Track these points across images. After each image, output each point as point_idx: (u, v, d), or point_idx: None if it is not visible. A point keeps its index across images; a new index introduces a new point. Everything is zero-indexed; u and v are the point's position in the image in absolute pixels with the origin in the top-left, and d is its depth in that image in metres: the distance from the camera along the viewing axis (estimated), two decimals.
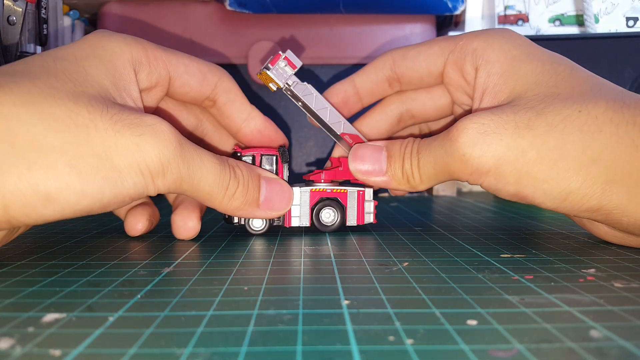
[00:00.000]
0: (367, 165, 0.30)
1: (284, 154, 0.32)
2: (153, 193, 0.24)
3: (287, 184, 0.30)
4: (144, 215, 0.31)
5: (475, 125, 0.25)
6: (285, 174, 0.32)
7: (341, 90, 0.33)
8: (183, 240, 0.31)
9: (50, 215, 0.22)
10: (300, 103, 0.31)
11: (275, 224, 0.32)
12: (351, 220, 0.33)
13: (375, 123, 0.34)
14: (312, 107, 0.31)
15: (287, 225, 0.32)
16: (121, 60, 0.26)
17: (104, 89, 0.24)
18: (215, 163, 0.26)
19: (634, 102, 0.25)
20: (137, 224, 0.31)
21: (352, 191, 0.33)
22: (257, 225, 0.32)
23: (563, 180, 0.25)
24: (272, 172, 0.31)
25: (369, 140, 0.34)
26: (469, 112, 0.31)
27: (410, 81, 0.32)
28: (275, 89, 0.31)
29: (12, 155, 0.21)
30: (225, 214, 0.32)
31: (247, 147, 0.32)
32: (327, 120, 0.32)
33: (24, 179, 0.21)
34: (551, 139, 0.24)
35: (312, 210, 0.32)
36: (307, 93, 0.31)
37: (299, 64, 0.31)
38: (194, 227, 0.30)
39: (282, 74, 0.31)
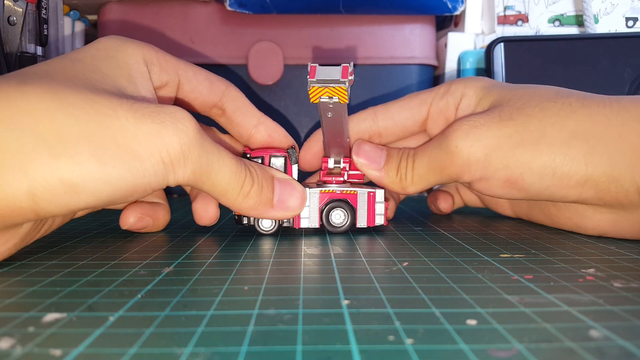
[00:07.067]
0: (369, 158, 0.32)
1: (293, 155, 0.31)
2: (173, 183, 0.24)
3: (300, 184, 0.30)
4: (138, 210, 0.32)
5: (468, 121, 0.29)
6: (295, 175, 0.31)
7: (319, 141, 0.34)
8: (185, 237, 0.31)
9: (76, 205, 0.22)
10: (330, 114, 0.28)
11: (284, 224, 0.32)
12: (361, 222, 0.33)
13: None
14: (344, 118, 0.29)
15: (296, 226, 0.32)
16: (134, 59, 0.27)
17: (120, 86, 0.25)
18: (232, 159, 0.26)
19: (602, 95, 0.29)
20: (129, 217, 0.31)
21: (362, 192, 0.32)
22: (267, 225, 0.32)
23: (547, 156, 0.28)
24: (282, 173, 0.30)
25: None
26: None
27: (393, 132, 0.35)
28: (324, 101, 0.26)
29: (38, 144, 0.21)
30: (235, 214, 0.32)
31: (256, 149, 0.32)
32: (344, 129, 0.30)
33: (50, 167, 0.21)
34: (531, 125, 0.28)
35: (321, 211, 0.32)
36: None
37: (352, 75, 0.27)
38: (215, 213, 0.31)
39: (348, 88, 0.26)
